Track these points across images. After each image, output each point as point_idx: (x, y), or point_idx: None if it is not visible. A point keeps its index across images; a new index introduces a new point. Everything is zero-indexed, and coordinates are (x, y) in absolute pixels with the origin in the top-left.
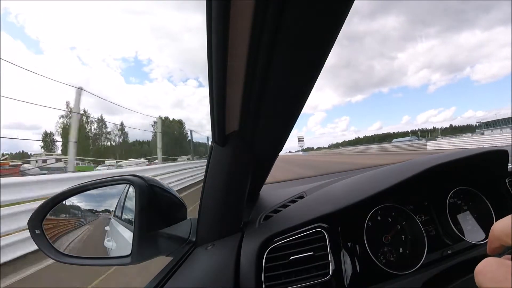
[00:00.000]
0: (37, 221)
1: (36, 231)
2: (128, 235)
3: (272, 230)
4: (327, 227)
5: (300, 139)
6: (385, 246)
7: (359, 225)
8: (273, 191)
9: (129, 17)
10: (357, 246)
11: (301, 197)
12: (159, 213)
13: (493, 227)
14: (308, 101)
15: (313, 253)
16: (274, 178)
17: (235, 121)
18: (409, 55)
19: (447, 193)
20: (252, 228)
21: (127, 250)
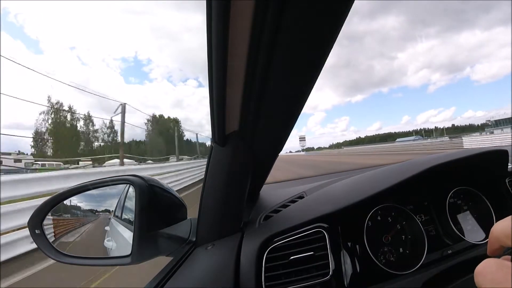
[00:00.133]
0: (37, 221)
1: (36, 231)
2: (128, 235)
3: (272, 230)
4: (327, 227)
5: (301, 139)
6: (385, 246)
7: (359, 225)
8: (273, 191)
9: (128, 17)
10: (357, 246)
11: (301, 197)
12: (159, 213)
13: (493, 228)
14: (308, 101)
15: (313, 253)
16: (274, 178)
17: (235, 121)
18: (409, 55)
19: (447, 193)
20: (252, 228)
21: (127, 250)
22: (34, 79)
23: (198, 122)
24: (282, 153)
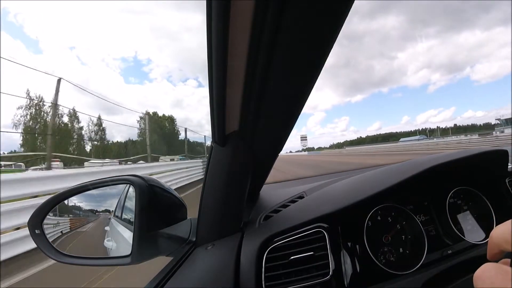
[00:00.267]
0: (37, 221)
1: (36, 231)
2: (128, 235)
3: (272, 230)
4: (327, 227)
5: (303, 138)
6: (385, 246)
7: (359, 225)
8: (273, 191)
9: (128, 16)
10: (357, 246)
11: (301, 197)
12: (159, 213)
13: (492, 233)
14: (308, 101)
15: (313, 253)
16: (274, 178)
17: (235, 121)
18: (409, 55)
19: (447, 193)
20: (252, 228)
21: (127, 250)
22: (34, 79)
23: (197, 122)
24: (282, 153)
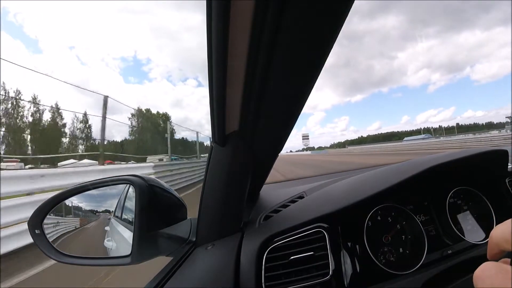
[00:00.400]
0: (37, 221)
1: (36, 231)
2: (128, 235)
3: (272, 230)
4: (327, 227)
5: (304, 137)
6: (385, 246)
7: (359, 225)
8: (273, 191)
9: (128, 16)
10: (357, 246)
11: (301, 197)
12: (159, 213)
13: (492, 233)
14: (308, 101)
15: (313, 253)
16: (274, 178)
17: (235, 121)
18: (409, 55)
19: (447, 193)
20: (252, 228)
21: (127, 250)
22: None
23: (197, 121)
24: (282, 152)
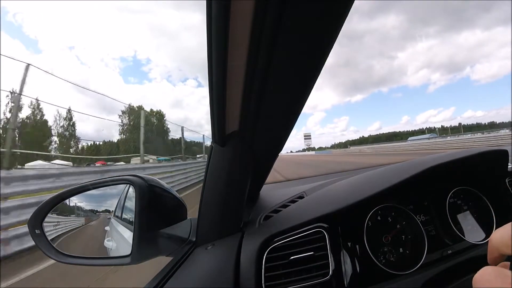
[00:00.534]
0: (37, 221)
1: (36, 231)
2: (128, 235)
3: (272, 230)
4: (327, 227)
5: (306, 137)
6: (385, 246)
7: (359, 225)
8: (273, 191)
9: (127, 16)
10: (357, 246)
11: (301, 197)
12: (159, 213)
13: (491, 237)
14: (307, 101)
15: (313, 253)
16: (274, 178)
17: (235, 121)
18: (409, 55)
19: (447, 193)
20: (252, 228)
21: (127, 250)
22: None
23: (197, 121)
24: (282, 152)
